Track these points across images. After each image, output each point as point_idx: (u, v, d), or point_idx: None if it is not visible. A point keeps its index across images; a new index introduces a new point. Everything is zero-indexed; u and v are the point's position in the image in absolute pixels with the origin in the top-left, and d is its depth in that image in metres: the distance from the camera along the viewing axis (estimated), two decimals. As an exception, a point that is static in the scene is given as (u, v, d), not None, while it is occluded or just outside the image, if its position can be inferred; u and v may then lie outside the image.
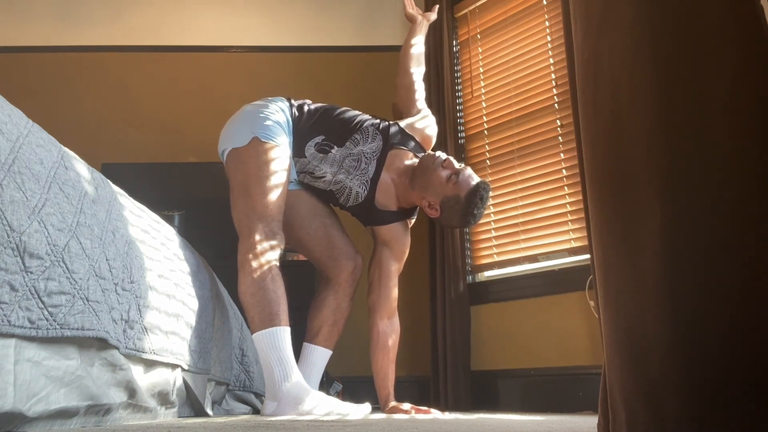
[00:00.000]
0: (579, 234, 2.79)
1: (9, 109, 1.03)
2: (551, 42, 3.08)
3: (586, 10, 0.81)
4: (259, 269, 1.83)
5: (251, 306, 1.82)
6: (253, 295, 1.82)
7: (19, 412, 0.86)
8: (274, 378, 1.76)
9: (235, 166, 1.98)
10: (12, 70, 3.62)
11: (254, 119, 2.00)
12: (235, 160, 1.98)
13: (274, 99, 2.09)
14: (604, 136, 0.76)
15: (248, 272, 1.83)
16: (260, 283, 1.81)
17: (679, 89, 0.70)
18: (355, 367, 2.88)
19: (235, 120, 2.07)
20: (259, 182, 1.90)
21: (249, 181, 1.92)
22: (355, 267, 2.16)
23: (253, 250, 1.85)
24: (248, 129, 1.97)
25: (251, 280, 1.82)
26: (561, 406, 2.60)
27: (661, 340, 0.65)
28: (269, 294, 1.81)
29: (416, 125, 2.21)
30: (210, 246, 2.65)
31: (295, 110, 2.08)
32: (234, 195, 1.96)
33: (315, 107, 2.12)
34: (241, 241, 1.89)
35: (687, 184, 0.67)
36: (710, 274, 0.64)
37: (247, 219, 1.89)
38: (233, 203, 1.96)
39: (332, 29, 3.87)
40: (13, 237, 0.89)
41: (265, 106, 2.05)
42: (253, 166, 1.93)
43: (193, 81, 3.76)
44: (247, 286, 1.83)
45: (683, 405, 0.62)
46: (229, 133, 2.04)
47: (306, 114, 2.08)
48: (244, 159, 1.95)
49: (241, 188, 1.94)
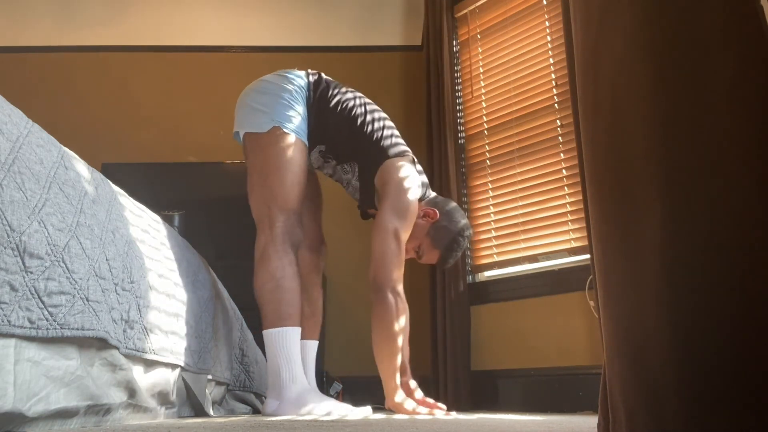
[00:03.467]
0: (579, 234, 2.79)
1: (9, 109, 1.03)
2: (551, 42, 3.08)
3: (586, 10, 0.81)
4: (279, 265, 1.81)
5: (266, 301, 1.80)
6: (270, 292, 1.80)
7: (19, 412, 0.86)
8: (280, 377, 1.76)
9: (252, 150, 1.94)
10: (12, 70, 3.63)
11: (276, 104, 1.94)
12: (253, 144, 1.93)
13: (292, 76, 2.01)
14: (604, 136, 0.76)
15: (267, 266, 1.81)
16: (279, 281, 1.80)
17: (679, 89, 0.70)
18: (355, 367, 2.88)
19: (254, 98, 1.98)
20: (278, 171, 1.88)
21: (268, 168, 1.89)
22: (320, 257, 2.14)
23: (274, 245, 1.82)
24: (269, 115, 1.92)
25: (269, 276, 1.80)
26: (561, 406, 2.60)
27: (661, 340, 0.65)
28: (286, 293, 1.79)
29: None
30: (210, 246, 2.65)
31: (311, 92, 2.01)
32: (252, 180, 1.93)
33: (334, 103, 2.02)
34: (261, 231, 1.87)
35: (687, 184, 0.67)
36: (710, 274, 0.64)
37: (267, 209, 1.86)
38: (251, 189, 1.93)
39: (332, 29, 3.87)
40: (13, 237, 0.89)
41: (286, 89, 1.97)
42: (272, 154, 1.89)
43: (193, 81, 3.76)
44: (264, 280, 1.81)
45: (683, 405, 0.62)
46: (246, 113, 1.98)
47: (321, 109, 2.01)
48: (263, 145, 1.91)
49: (260, 175, 1.90)
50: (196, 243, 2.07)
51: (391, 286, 1.89)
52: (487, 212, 3.20)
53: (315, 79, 2.05)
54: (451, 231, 2.10)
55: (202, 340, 1.70)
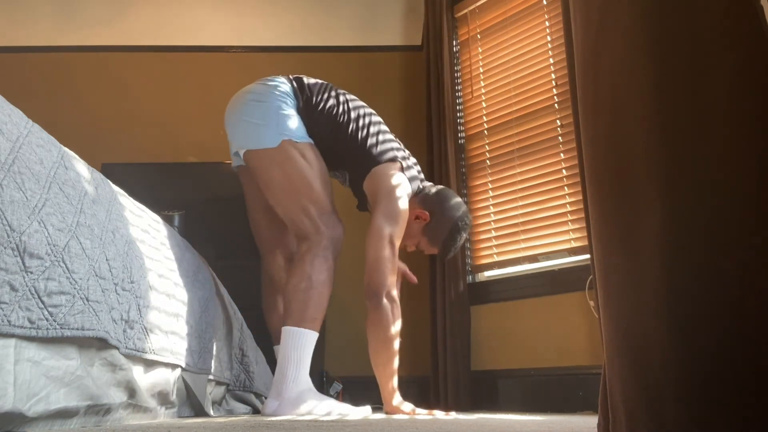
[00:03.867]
0: (579, 234, 2.79)
1: (9, 109, 1.03)
2: (551, 42, 3.08)
3: (586, 10, 0.81)
4: (317, 269, 1.84)
5: (295, 299, 1.82)
6: (303, 291, 1.82)
7: (19, 412, 0.86)
8: (285, 375, 1.76)
9: (266, 167, 1.93)
10: (12, 70, 3.63)
11: (276, 116, 1.93)
12: (266, 161, 1.92)
13: (276, 83, 2.00)
14: (604, 136, 0.76)
15: (304, 267, 1.84)
16: (313, 283, 1.83)
17: (679, 89, 0.70)
18: (355, 367, 2.88)
19: (249, 113, 1.95)
20: (305, 180, 1.90)
21: (293, 180, 1.90)
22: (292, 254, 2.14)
23: (317, 249, 1.86)
24: (273, 130, 1.91)
25: (305, 276, 1.83)
26: (561, 406, 2.60)
27: (661, 340, 0.65)
28: (320, 299, 1.83)
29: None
30: (210, 246, 2.65)
31: (298, 100, 1.99)
32: (275, 194, 1.94)
33: (318, 111, 2.01)
34: (304, 238, 1.89)
35: (687, 184, 0.67)
36: (710, 274, 0.64)
37: (307, 218, 1.89)
38: (277, 202, 1.94)
39: (332, 29, 3.87)
40: (13, 237, 0.89)
41: (278, 97, 1.95)
42: (293, 166, 1.90)
43: (193, 81, 3.76)
44: (300, 279, 1.84)
45: (683, 405, 0.62)
46: (245, 129, 1.96)
47: (308, 117, 2.00)
48: (280, 161, 1.91)
49: (286, 189, 1.91)
50: (196, 243, 2.07)
51: (386, 291, 1.91)
52: (487, 212, 3.20)
53: (298, 84, 2.03)
54: (446, 227, 2.12)
55: (202, 340, 1.70)
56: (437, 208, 2.12)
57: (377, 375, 1.95)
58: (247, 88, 2.04)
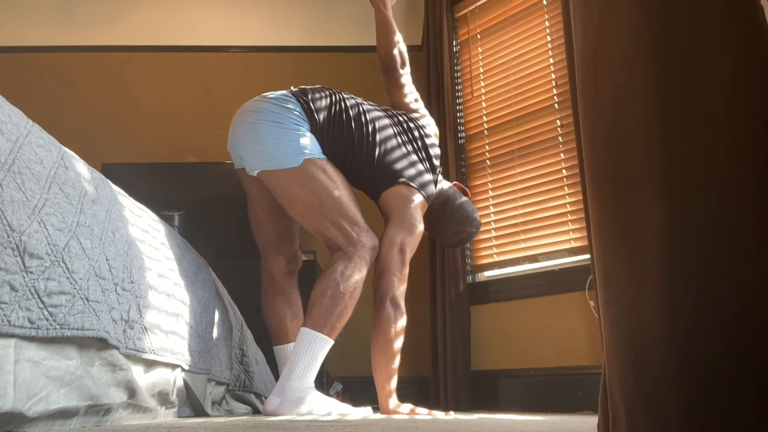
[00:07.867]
0: (579, 234, 2.79)
1: (9, 109, 1.03)
2: (551, 42, 3.08)
3: (586, 10, 0.81)
4: (349, 281, 1.85)
5: (322, 305, 1.82)
6: (330, 298, 1.82)
7: (19, 412, 0.86)
8: (291, 373, 1.77)
9: (287, 185, 1.90)
10: (12, 70, 3.62)
11: (294, 135, 1.89)
12: (289, 181, 1.89)
13: (281, 100, 1.95)
14: (604, 136, 0.76)
15: (333, 274, 1.85)
16: (342, 295, 1.84)
17: (679, 89, 0.70)
18: (355, 367, 2.88)
19: (267, 133, 1.90)
20: (331, 195, 1.90)
21: (319, 196, 1.89)
22: (296, 261, 2.15)
23: (360, 261, 1.88)
24: (294, 149, 1.88)
25: (333, 283, 1.84)
26: (561, 406, 2.60)
27: (661, 340, 0.65)
28: (343, 309, 1.84)
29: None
30: (210, 246, 2.65)
31: (311, 123, 1.95)
32: (300, 211, 1.93)
33: (327, 133, 1.97)
34: (339, 248, 1.90)
35: (687, 184, 0.67)
36: (710, 274, 0.64)
37: (341, 232, 1.90)
38: (307, 219, 1.94)
39: (332, 29, 3.87)
40: (13, 237, 0.89)
41: (292, 115, 1.92)
42: (317, 183, 1.89)
43: (193, 81, 3.76)
44: (327, 285, 1.84)
45: (683, 405, 0.62)
46: (264, 149, 1.90)
47: (318, 138, 1.96)
48: (303, 179, 1.88)
49: (316, 203, 1.89)
50: (196, 243, 2.07)
51: (391, 297, 1.93)
52: (487, 212, 3.20)
53: (305, 105, 1.95)
54: (460, 214, 2.18)
55: (202, 340, 1.70)
56: (453, 204, 2.18)
57: (375, 377, 1.97)
58: (257, 106, 1.96)
